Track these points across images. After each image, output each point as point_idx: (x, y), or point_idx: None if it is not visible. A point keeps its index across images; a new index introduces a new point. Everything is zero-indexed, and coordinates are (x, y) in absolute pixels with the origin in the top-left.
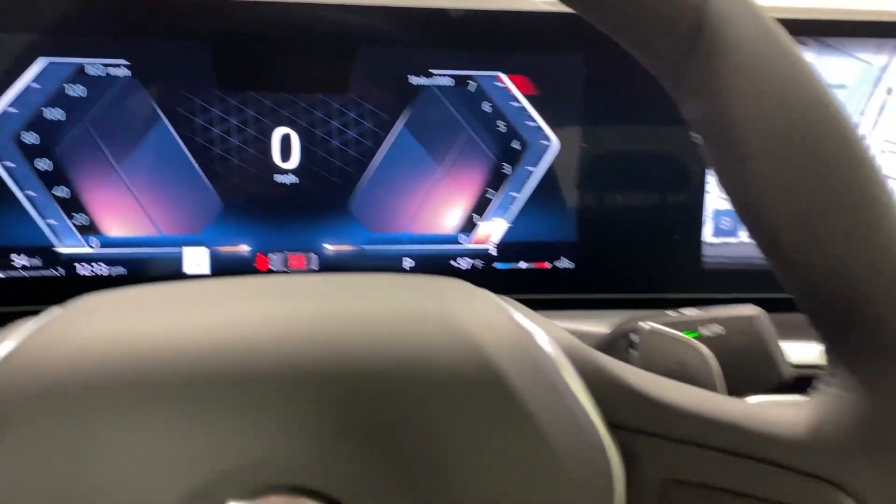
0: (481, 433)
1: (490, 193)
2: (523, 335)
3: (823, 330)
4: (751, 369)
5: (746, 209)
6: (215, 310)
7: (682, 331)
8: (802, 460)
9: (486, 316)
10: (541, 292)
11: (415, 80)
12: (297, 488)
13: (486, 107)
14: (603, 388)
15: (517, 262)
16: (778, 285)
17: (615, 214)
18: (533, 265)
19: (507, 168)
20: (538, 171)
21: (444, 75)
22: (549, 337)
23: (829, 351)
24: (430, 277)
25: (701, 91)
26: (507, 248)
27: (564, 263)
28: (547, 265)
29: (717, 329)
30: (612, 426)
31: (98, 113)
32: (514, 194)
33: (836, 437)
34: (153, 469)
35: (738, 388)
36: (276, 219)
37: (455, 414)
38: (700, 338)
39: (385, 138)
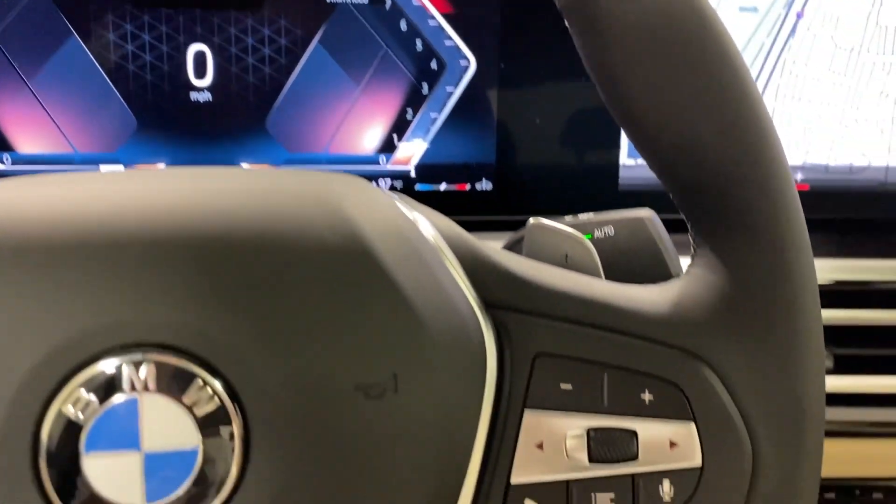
0: (353, 309)
1: (409, 114)
2: (404, 221)
3: (688, 211)
4: (641, 269)
5: (613, 94)
6: (94, 185)
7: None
8: (666, 334)
9: (365, 199)
10: (461, 214)
11: None
12: (167, 346)
13: (403, 25)
14: (479, 270)
15: (438, 183)
16: None
17: (534, 136)
18: (453, 187)
19: (425, 88)
20: (457, 92)
21: None
22: (430, 223)
23: (694, 232)
24: (320, 171)
25: None
26: (428, 169)
27: (485, 185)
28: (467, 187)
29: (608, 230)
30: (487, 305)
31: (7, 28)
32: (433, 115)
33: (697, 313)
34: (23, 323)
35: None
36: (191, 137)
37: (324, 287)
38: (593, 239)
39: (301, 56)
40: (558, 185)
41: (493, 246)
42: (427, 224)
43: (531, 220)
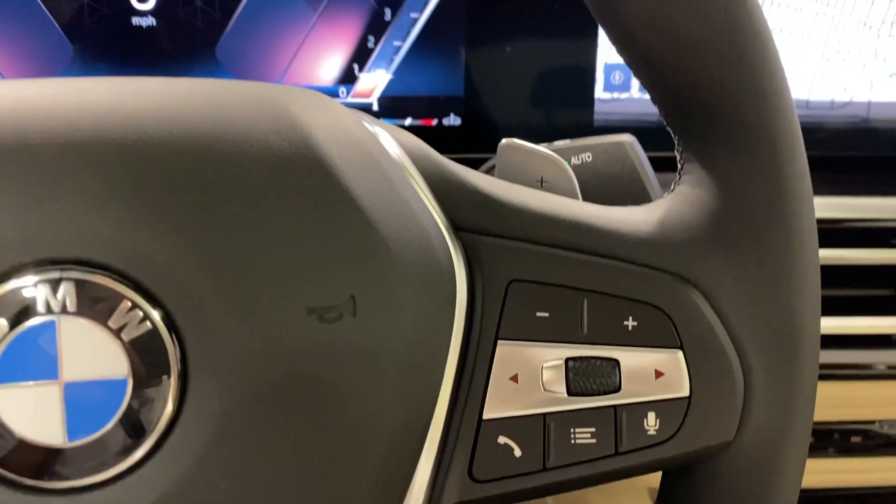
0: (303, 221)
1: (371, 42)
2: (363, 131)
3: (676, 123)
4: (621, 195)
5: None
6: (3, 87)
7: None
8: (650, 255)
9: (318, 106)
10: None
11: None
12: (88, 263)
13: None
14: (448, 190)
15: (402, 118)
16: (668, 144)
17: (506, 67)
18: (419, 122)
19: (388, 14)
20: (422, 18)
21: None
22: (393, 139)
23: (683, 146)
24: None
25: None
26: (391, 102)
27: (452, 120)
28: (433, 122)
29: (585, 157)
30: (457, 228)
31: None
32: (397, 43)
33: (684, 232)
34: None
35: None
36: (135, 66)
37: (270, 196)
38: (570, 166)
39: None
40: (531, 120)
41: (457, 164)
42: (389, 138)
43: (504, 140)
